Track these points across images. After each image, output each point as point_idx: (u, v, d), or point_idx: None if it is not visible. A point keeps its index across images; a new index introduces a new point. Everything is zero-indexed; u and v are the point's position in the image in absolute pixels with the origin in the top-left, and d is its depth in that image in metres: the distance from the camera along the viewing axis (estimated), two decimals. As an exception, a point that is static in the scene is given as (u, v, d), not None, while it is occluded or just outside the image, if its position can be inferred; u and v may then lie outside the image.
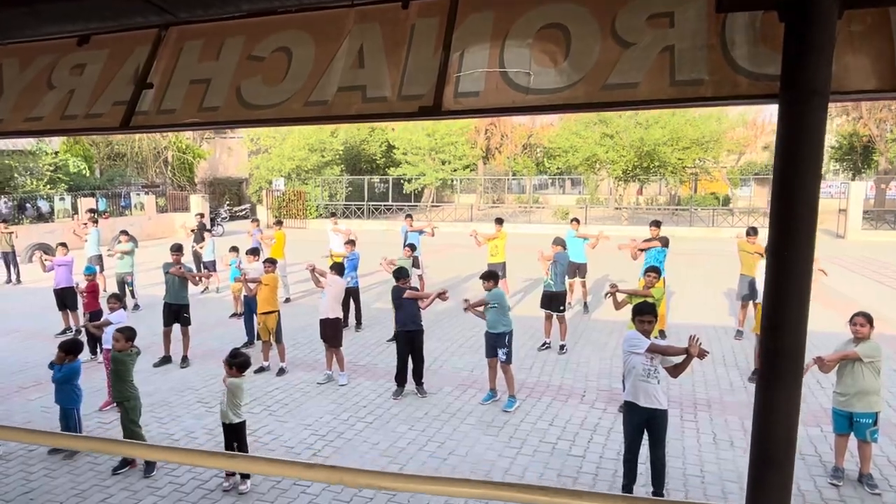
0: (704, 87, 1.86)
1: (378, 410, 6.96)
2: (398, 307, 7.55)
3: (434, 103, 2.11)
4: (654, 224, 10.06)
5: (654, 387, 4.70)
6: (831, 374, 7.72)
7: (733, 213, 29.43)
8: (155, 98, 2.53)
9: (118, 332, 5.79)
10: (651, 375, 4.71)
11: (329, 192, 33.64)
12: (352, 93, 2.26)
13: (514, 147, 43.64)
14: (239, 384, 5.19)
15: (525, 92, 2.03)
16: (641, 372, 4.71)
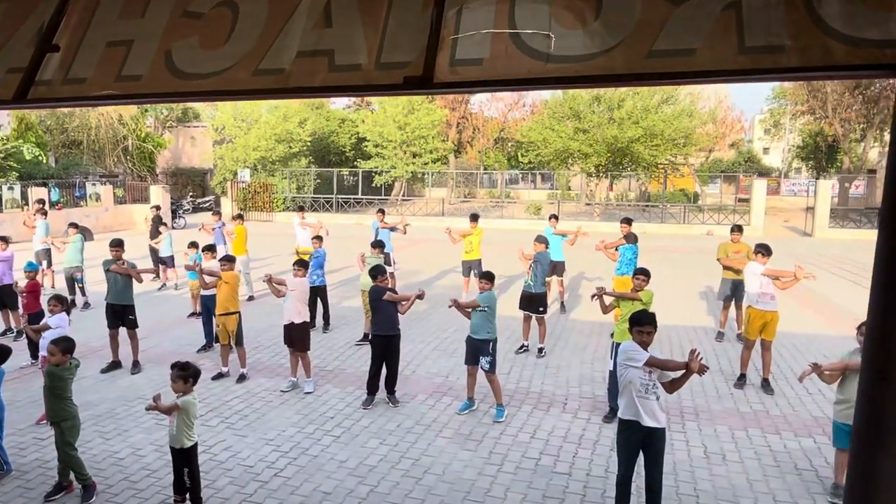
0: (786, 55, 1.40)
1: (347, 422, 6.43)
2: (375, 309, 6.98)
3: (424, 73, 1.61)
4: (624, 221, 9.71)
5: (653, 403, 4.30)
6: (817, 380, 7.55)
7: (702, 210, 29.53)
8: (61, 64, 1.97)
9: (53, 344, 5.10)
10: (650, 391, 4.30)
11: (297, 184, 32.73)
12: (315, 59, 1.74)
13: (485, 141, 43.27)
14: (190, 402, 4.60)
15: (544, 60, 1.54)
16: (640, 387, 4.30)
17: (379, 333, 6.88)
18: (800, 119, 44.63)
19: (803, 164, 53.22)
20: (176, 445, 4.54)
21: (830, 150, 40.46)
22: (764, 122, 65.15)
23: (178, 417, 4.55)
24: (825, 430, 6.25)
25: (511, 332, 9.59)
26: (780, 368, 8.00)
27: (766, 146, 73.62)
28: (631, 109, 26.16)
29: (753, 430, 6.27)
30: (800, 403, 7.02)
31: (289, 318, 7.32)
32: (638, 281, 6.67)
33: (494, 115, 44.82)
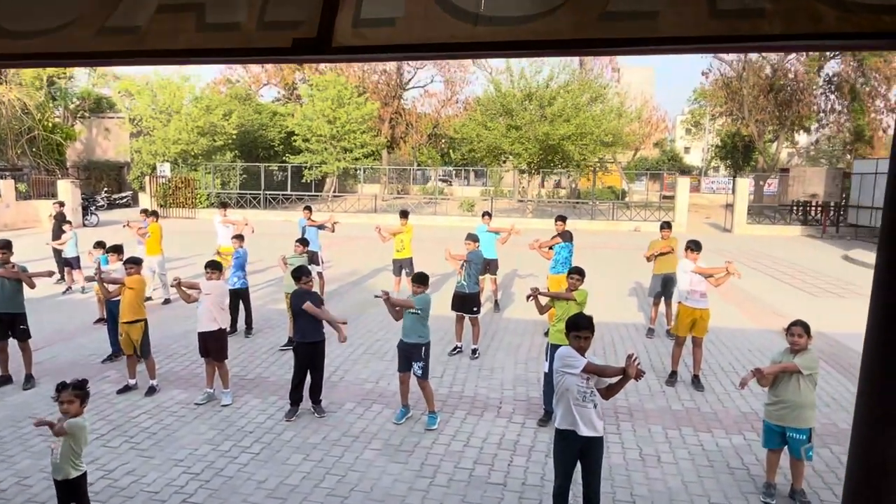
0: (767, 20, 1.14)
1: (267, 437, 5.95)
2: (298, 314, 6.49)
3: (319, 35, 1.26)
4: (559, 219, 9.60)
5: (591, 411, 4.10)
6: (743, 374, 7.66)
7: (629, 207, 30.31)
8: None
9: None
10: (587, 399, 4.09)
11: (221, 179, 31.31)
12: (180, 16, 1.35)
13: (419, 137, 42.92)
14: (81, 426, 4.02)
15: (473, 21, 1.23)
16: (577, 395, 4.08)
17: (302, 340, 6.41)
18: (719, 120, 46.71)
19: (721, 163, 55.84)
20: (59, 476, 3.96)
21: (746, 150, 42.53)
22: (685, 123, 68.02)
23: (65, 443, 3.97)
24: (753, 426, 6.30)
25: (444, 333, 9.31)
26: (707, 364, 8.07)
27: (688, 146, 76.90)
28: (562, 107, 26.44)
29: (686, 429, 6.24)
30: (728, 399, 7.07)
31: (203, 325, 6.74)
32: (572, 280, 6.51)
33: (428, 111, 44.56)
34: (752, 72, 36.98)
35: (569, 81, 28.47)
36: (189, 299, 6.90)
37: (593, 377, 4.10)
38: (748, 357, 8.63)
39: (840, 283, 14.68)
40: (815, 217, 27.71)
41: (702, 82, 45.51)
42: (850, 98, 35.57)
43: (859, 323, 6.67)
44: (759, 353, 8.82)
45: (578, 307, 6.30)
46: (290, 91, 40.90)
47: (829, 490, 5.09)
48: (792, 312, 11.27)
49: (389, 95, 41.30)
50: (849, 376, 7.86)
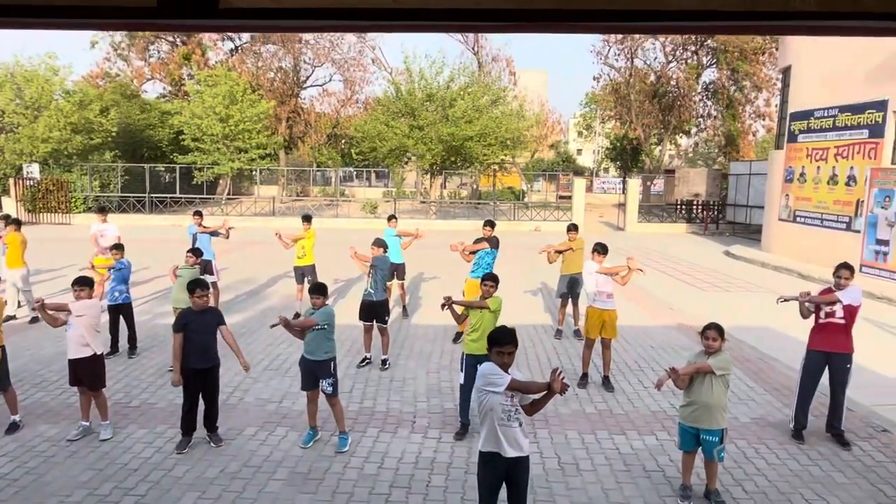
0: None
1: (155, 474, 5.28)
2: (188, 335, 5.77)
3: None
4: (488, 224, 9.39)
5: (516, 430, 3.88)
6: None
7: (529, 207, 31.02)
8: None
9: None
10: (512, 417, 3.87)
11: (100, 181, 28.75)
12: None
13: (318, 137, 41.74)
14: None
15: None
16: (501, 414, 3.85)
17: (192, 366, 5.72)
18: (608, 123, 49.09)
19: (612, 165, 58.81)
20: None
21: (634, 152, 44.92)
22: (578, 126, 71.08)
23: None
24: (664, 425, 6.41)
25: (351, 344, 8.89)
26: (615, 363, 8.17)
27: (580, 148, 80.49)
28: (464, 109, 26.57)
29: (601, 433, 6.22)
30: (638, 398, 7.18)
31: (73, 351, 5.91)
32: (486, 287, 6.29)
33: (327, 110, 43.43)
34: (639, 78, 39.08)
35: (468, 83, 28.69)
36: (56, 323, 6.02)
37: (518, 394, 3.89)
38: (651, 354, 8.87)
39: (725, 277, 15.66)
40: (698, 215, 29.65)
41: (593, 87, 47.54)
42: (724, 104, 38.47)
43: (748, 316, 7.06)
44: (662, 349, 9.11)
45: (493, 315, 6.12)
46: (176, 87, 38.36)
47: (739, 487, 5.21)
48: (686, 308, 11.84)
49: (286, 94, 39.85)
50: (744, 369, 8.25)
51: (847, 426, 6.23)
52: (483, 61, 40.56)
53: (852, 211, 15.86)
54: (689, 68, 38.02)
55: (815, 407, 6.38)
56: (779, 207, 19.10)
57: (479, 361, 5.92)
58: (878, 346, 9.24)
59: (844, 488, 5.23)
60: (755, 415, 6.79)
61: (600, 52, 40.20)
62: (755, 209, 25.94)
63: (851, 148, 16.00)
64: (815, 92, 17.38)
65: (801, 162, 18.06)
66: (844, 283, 6.02)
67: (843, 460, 5.74)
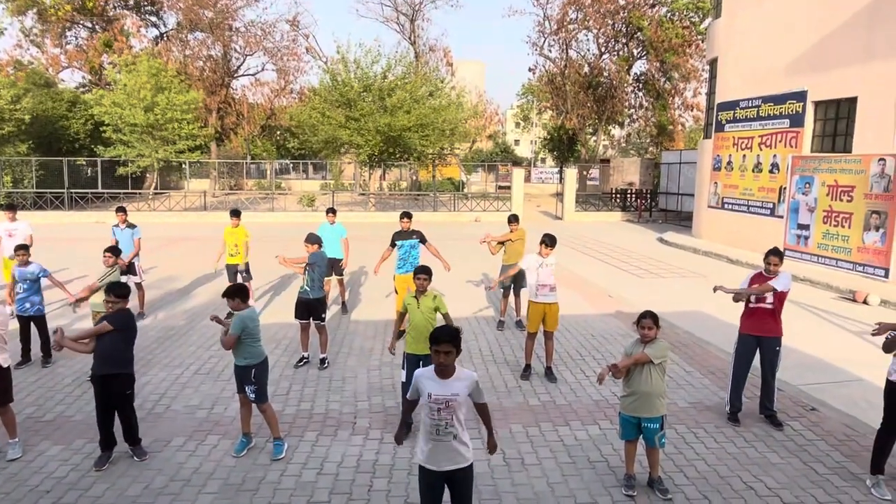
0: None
1: (71, 494, 4.84)
2: (98, 338, 5.33)
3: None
4: (404, 216, 9.20)
5: (449, 444, 3.68)
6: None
7: (469, 198, 31.05)
8: None
9: None
10: (442, 431, 3.66)
11: (13, 176, 26.83)
12: None
13: (251, 128, 40.40)
14: None
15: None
16: (430, 428, 3.67)
17: (98, 372, 5.22)
18: (545, 114, 49.71)
19: (549, 155, 59.72)
20: None
21: (570, 142, 45.68)
22: (515, 117, 71.80)
23: None
24: (607, 415, 6.42)
25: (288, 343, 8.55)
26: (556, 353, 8.18)
27: (517, 138, 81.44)
28: (402, 99, 26.22)
29: (545, 425, 6.18)
30: (580, 388, 7.19)
31: None
32: (419, 281, 6.07)
33: (260, 100, 42.05)
34: (573, 69, 39.70)
35: (405, 74, 28.34)
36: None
37: (451, 405, 3.68)
38: (592, 343, 8.94)
39: (660, 264, 16.08)
40: (632, 203, 30.46)
41: (529, 78, 48.04)
42: (654, 96, 39.60)
43: (682, 301, 7.11)
44: (603, 338, 9.20)
45: (423, 312, 5.90)
46: (96, 76, 36.20)
47: (681, 473, 5.26)
48: (624, 295, 12.04)
49: (216, 83, 38.30)
50: (681, 354, 8.42)
51: (778, 406, 6.42)
52: (420, 51, 40.26)
53: (776, 197, 16.58)
54: (621, 60, 38.91)
55: (747, 388, 6.55)
56: (708, 195, 19.78)
57: (420, 359, 5.79)
58: (802, 327, 9.65)
59: (779, 468, 5.37)
60: (693, 399, 6.92)
61: (536, 42, 40.63)
62: (686, 197, 26.84)
63: (774, 137, 16.70)
64: (739, 83, 18.04)
65: (728, 150, 18.74)
66: (774, 269, 6.17)
67: (777, 440, 5.90)
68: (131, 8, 38.20)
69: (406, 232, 9.05)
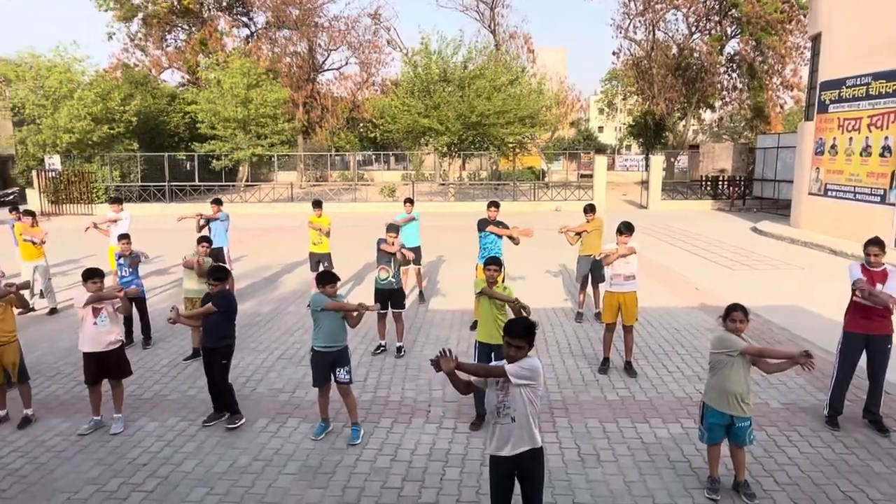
0: None
1: (164, 469, 5.18)
2: None
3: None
4: (492, 205, 9.09)
5: (511, 426, 3.61)
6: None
7: (549, 187, 30.54)
8: None
9: None
10: (502, 413, 3.61)
11: (121, 171, 28.95)
12: None
13: (335, 121, 41.54)
14: None
15: None
16: (493, 409, 3.64)
17: (205, 345, 5.95)
18: (630, 99, 48.00)
19: (634, 142, 57.69)
20: None
21: (657, 128, 43.90)
22: (599, 103, 69.79)
23: None
24: (689, 412, 6.13)
25: (367, 331, 8.72)
26: (637, 347, 7.89)
27: (601, 125, 79.15)
28: (482, 87, 26.10)
29: (623, 421, 5.97)
30: (662, 384, 6.90)
31: (102, 345, 5.83)
32: (490, 272, 5.99)
33: (344, 94, 43.16)
34: (660, 51, 38.03)
35: (485, 63, 28.17)
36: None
37: (510, 387, 3.60)
38: (676, 337, 8.56)
39: (752, 255, 15.17)
40: (724, 191, 28.89)
41: (613, 62, 46.53)
42: (749, 76, 37.28)
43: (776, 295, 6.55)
44: (687, 332, 8.79)
45: (491, 303, 5.82)
46: (193, 75, 38.37)
47: (770, 478, 4.94)
48: (712, 287, 11.45)
49: (302, 79, 39.65)
50: (773, 351, 7.90)
51: (885, 411, 5.90)
52: (500, 40, 39.87)
53: (887, 183, 15.20)
54: (713, 39, 36.87)
55: (849, 390, 6.05)
56: (809, 181, 18.43)
57: (492, 350, 5.75)
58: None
59: (884, 478, 4.93)
60: (786, 400, 6.47)
61: (620, 25, 39.21)
62: (783, 183, 25.16)
63: (886, 117, 15.28)
64: (845, 60, 16.61)
65: (832, 133, 17.36)
66: (875, 261, 5.65)
67: (883, 448, 5.42)
68: (224, 9, 40.11)
69: (493, 221, 8.89)
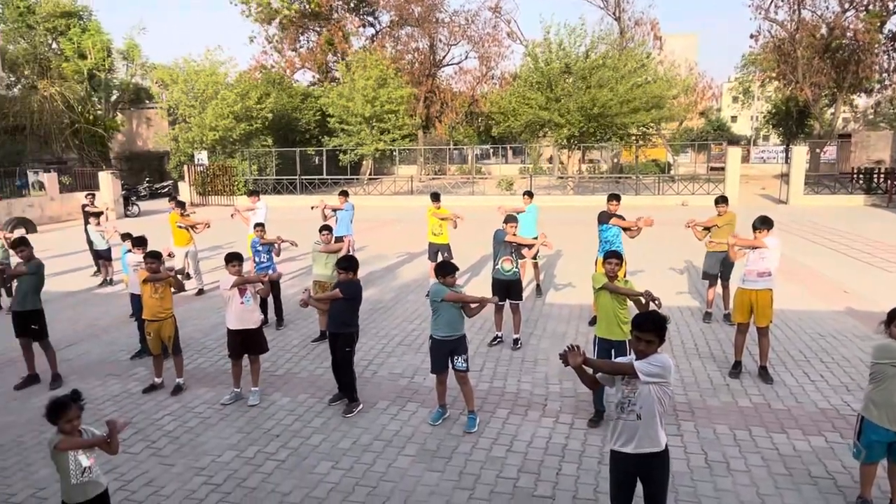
0: None
1: (294, 441, 5.54)
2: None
3: None
4: (612, 198, 8.78)
5: (635, 423, 3.46)
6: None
7: (675, 180, 28.99)
8: None
9: None
10: (626, 409, 3.48)
11: (258, 165, 31.24)
12: None
13: (454, 115, 42.10)
14: (61, 458, 3.58)
15: None
16: (616, 404, 3.52)
17: (330, 330, 6.28)
18: (769, 86, 44.36)
19: (773, 131, 53.28)
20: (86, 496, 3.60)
21: (801, 116, 40.23)
22: (732, 90, 65.13)
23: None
24: (835, 426, 5.58)
25: (483, 322, 8.77)
26: (775, 352, 7.31)
27: (734, 114, 73.81)
28: (604, 77, 25.30)
29: (757, 429, 5.55)
30: (803, 393, 6.33)
31: (246, 323, 6.35)
32: (610, 265, 5.77)
33: (463, 88, 43.62)
34: (807, 32, 34.72)
35: (608, 51, 27.24)
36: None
37: (638, 383, 3.43)
38: (821, 343, 7.81)
39: (914, 256, 13.48)
40: (880, 185, 25.92)
41: (751, 46, 43.14)
42: (915, 55, 33.10)
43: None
44: (833, 337, 7.99)
45: (613, 297, 5.60)
46: (323, 74, 40.52)
47: (935, 505, 4.37)
48: (863, 291, 10.31)
49: (423, 74, 40.53)
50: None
51: None
52: (625, 27, 38.33)
53: None
54: (871, 16, 33.06)
55: None
56: None
57: (612, 346, 5.56)
58: None
59: None
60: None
61: (759, 5, 36.23)
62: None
63: None
64: None
65: None
66: None
67: None
68: (352, 10, 41.90)
69: (614, 214, 8.62)
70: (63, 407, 3.54)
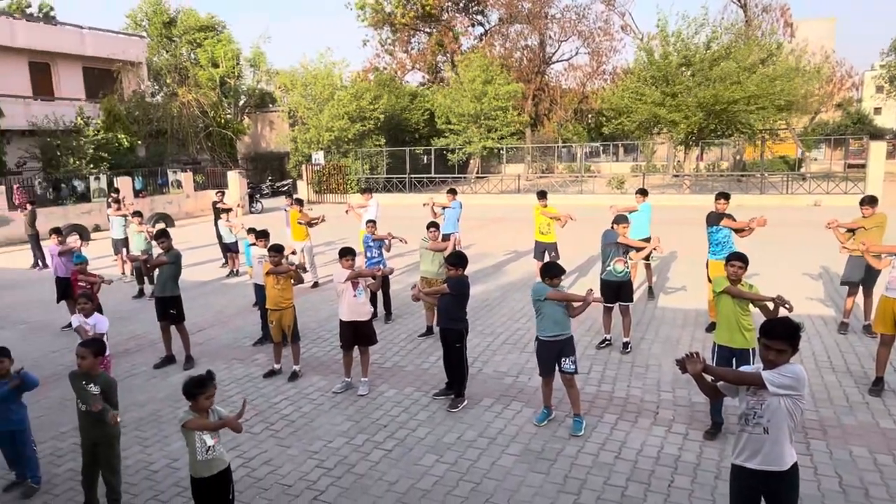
0: None
1: (401, 432, 5.68)
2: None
3: None
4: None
5: (763, 437, 3.19)
6: None
7: (805, 179, 26.66)
8: None
9: (83, 346, 4.63)
10: (751, 422, 3.22)
11: (370, 164, 32.38)
12: None
13: (563, 113, 41.36)
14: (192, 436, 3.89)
15: None
16: (742, 415, 3.27)
17: (440, 325, 6.38)
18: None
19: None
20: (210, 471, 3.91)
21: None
22: (877, 79, 58.84)
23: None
24: None
25: (591, 324, 8.54)
26: (925, 369, 6.52)
27: (878, 105, 66.65)
28: (728, 69, 23.74)
29: (902, 455, 4.98)
30: (860, 403, 5.61)
31: (358, 315, 6.60)
32: (733, 269, 5.37)
33: (572, 85, 42.74)
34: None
35: (732, 41, 25.55)
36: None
37: (766, 394, 3.16)
38: (983, 362, 6.87)
39: None
40: None
41: (900, 29, 38.67)
42: None
43: None
44: None
45: (734, 301, 5.23)
46: (433, 74, 41.27)
47: None
48: None
49: (532, 72, 40.15)
50: None
51: None
52: (751, 14, 35.83)
53: None
54: None
55: None
56: None
57: (733, 354, 5.21)
58: None
59: None
60: None
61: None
62: None
63: None
64: None
65: None
66: None
67: None
68: (461, 10, 42.33)
69: (724, 214, 8.12)
70: (203, 384, 3.86)
